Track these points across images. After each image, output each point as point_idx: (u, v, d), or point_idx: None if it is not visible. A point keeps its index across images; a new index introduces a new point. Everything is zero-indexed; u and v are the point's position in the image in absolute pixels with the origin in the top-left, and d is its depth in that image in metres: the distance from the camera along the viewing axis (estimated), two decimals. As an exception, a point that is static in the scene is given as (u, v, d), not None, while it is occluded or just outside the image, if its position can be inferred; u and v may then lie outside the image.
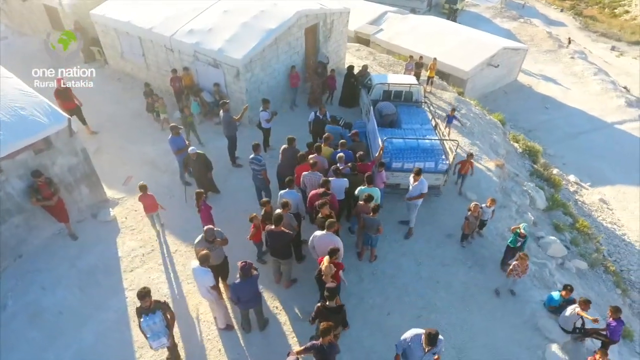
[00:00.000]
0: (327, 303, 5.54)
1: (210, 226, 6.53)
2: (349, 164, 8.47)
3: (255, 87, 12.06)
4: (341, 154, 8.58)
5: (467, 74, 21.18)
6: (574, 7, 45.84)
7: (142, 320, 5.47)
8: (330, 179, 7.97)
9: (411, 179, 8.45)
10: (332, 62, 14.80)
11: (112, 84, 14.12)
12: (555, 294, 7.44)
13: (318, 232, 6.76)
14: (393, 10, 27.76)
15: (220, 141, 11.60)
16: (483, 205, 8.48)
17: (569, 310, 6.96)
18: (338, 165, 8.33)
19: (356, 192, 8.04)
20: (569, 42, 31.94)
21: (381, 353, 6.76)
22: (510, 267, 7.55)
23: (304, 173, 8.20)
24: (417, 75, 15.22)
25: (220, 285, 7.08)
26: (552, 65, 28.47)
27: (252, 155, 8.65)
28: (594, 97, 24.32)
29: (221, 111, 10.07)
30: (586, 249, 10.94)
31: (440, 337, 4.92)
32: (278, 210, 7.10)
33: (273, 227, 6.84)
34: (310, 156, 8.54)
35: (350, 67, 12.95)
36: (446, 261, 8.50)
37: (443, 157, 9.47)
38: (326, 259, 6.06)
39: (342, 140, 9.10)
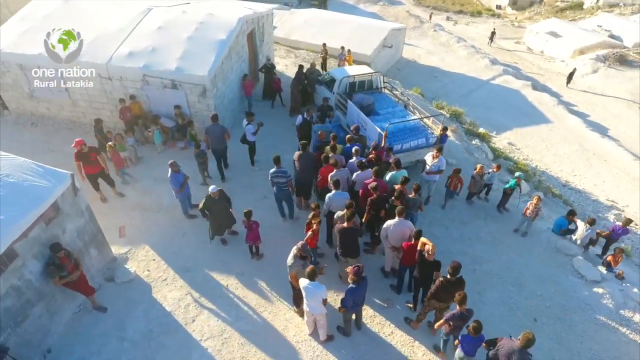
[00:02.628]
0: (449, 277, 6.05)
1: (304, 242, 6.39)
2: (371, 156, 8.92)
3: (220, 102, 11.48)
4: (356, 147, 8.97)
5: (370, 57, 22.86)
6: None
7: None
8: (357, 172, 8.42)
9: (430, 157, 9.32)
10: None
11: (29, 131, 11.83)
12: (561, 219, 9.15)
13: (391, 221, 7.13)
14: (273, 7, 28.07)
15: (193, 165, 10.83)
16: (490, 170, 9.79)
17: (586, 231, 8.70)
18: (357, 158, 8.74)
19: (387, 178, 8.57)
20: (430, 17, 36.58)
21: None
22: (532, 210, 8.88)
23: (331, 174, 8.39)
24: (324, 60, 17.54)
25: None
26: (422, 39, 32.38)
27: (274, 169, 8.49)
28: (464, 61, 28.62)
29: (210, 125, 9.49)
30: (533, 182, 13.36)
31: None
32: (339, 213, 7.27)
33: (345, 224, 6.97)
34: (330, 156, 8.77)
35: (300, 67, 13.17)
36: (465, 219, 9.65)
37: (430, 131, 10.56)
38: (424, 239, 6.52)
39: (348, 136, 9.47)
